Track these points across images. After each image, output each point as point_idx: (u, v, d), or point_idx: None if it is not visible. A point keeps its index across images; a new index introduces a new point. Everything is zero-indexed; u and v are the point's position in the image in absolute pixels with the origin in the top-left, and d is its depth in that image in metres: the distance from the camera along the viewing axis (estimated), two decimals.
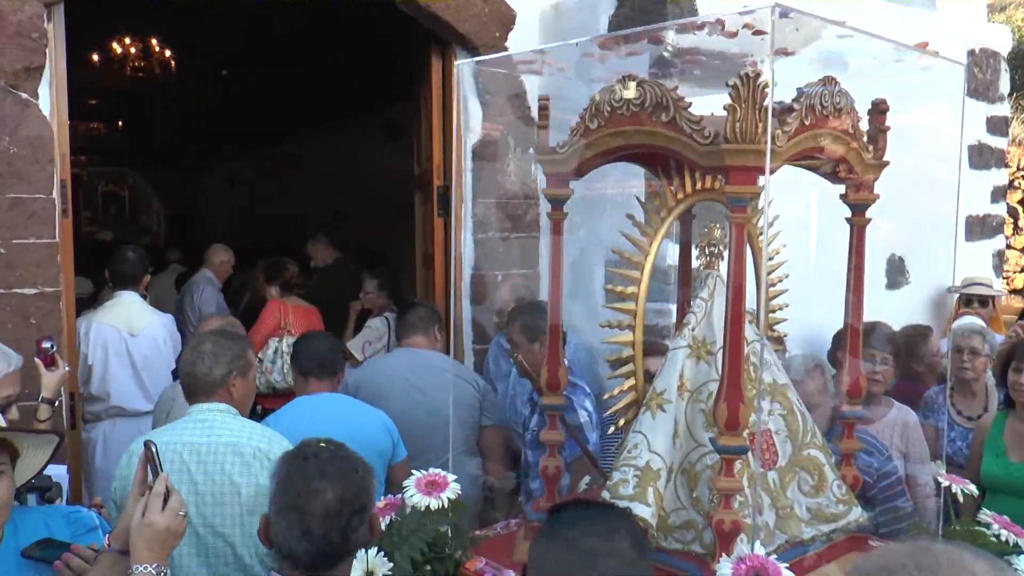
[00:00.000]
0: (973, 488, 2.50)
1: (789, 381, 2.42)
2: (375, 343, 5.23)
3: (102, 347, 4.48)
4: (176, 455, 2.74)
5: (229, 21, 7.53)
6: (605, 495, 2.20)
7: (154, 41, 9.06)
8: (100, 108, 11.72)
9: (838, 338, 4.67)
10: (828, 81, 2.21)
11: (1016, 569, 2.17)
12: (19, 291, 3.88)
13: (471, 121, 4.70)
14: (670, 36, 4.26)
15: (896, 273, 5.43)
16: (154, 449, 2.02)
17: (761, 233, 2.46)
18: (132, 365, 4.51)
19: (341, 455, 2.08)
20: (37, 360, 3.41)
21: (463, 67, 2.59)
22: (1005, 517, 2.41)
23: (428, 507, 2.23)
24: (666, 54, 2.53)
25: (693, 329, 2.36)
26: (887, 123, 2.47)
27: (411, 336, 4.11)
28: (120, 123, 13.63)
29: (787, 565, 1.87)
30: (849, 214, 2.65)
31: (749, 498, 2.14)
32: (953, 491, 2.43)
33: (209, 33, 8.24)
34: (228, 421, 2.89)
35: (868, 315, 4.60)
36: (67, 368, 3.57)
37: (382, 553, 2.05)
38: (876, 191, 2.61)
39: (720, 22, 2.23)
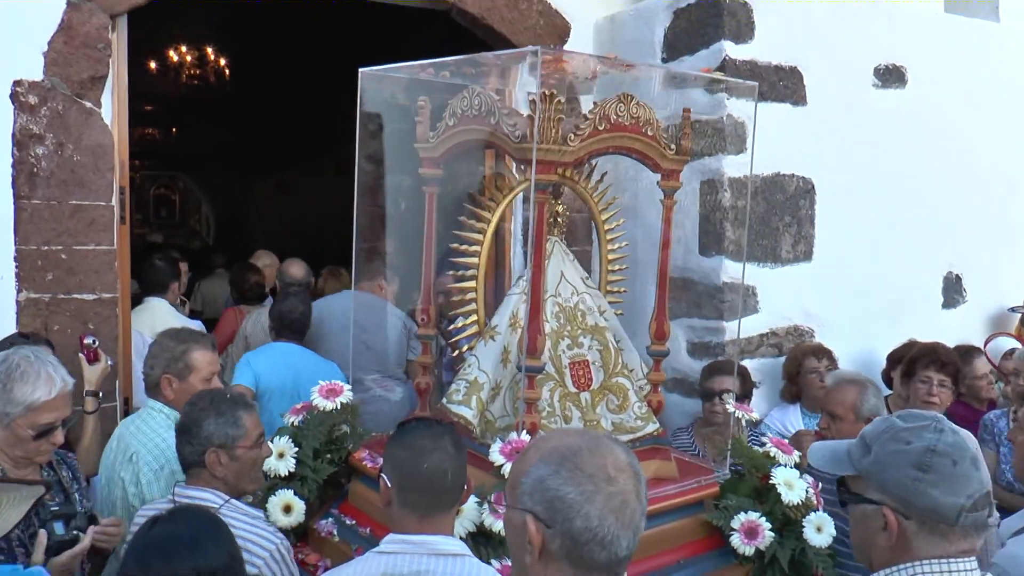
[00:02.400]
0: (755, 415, 3.28)
1: (608, 325, 3.05)
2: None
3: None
4: (115, 438, 3.15)
5: (281, 29, 7.62)
6: (443, 401, 2.94)
7: (209, 49, 9.21)
8: (155, 113, 11.94)
9: (892, 359, 4.59)
10: (624, 97, 2.79)
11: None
12: (78, 296, 3.95)
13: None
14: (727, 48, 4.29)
15: (953, 292, 5.31)
16: None
17: (604, 209, 3.17)
18: None
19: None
20: (80, 355, 3.59)
21: (365, 75, 3.15)
22: (779, 438, 3.09)
23: (327, 409, 2.96)
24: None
25: (528, 280, 2.85)
26: (689, 128, 3.01)
27: (358, 281, 4.84)
28: (174, 129, 13.86)
29: None
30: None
31: (557, 409, 2.81)
32: (738, 416, 3.16)
33: (263, 42, 8.35)
34: (148, 421, 3.09)
35: (924, 335, 4.55)
36: (109, 362, 3.70)
37: (291, 440, 2.86)
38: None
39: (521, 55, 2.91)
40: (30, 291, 3.88)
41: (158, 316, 4.68)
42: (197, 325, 4.86)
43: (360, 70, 3.14)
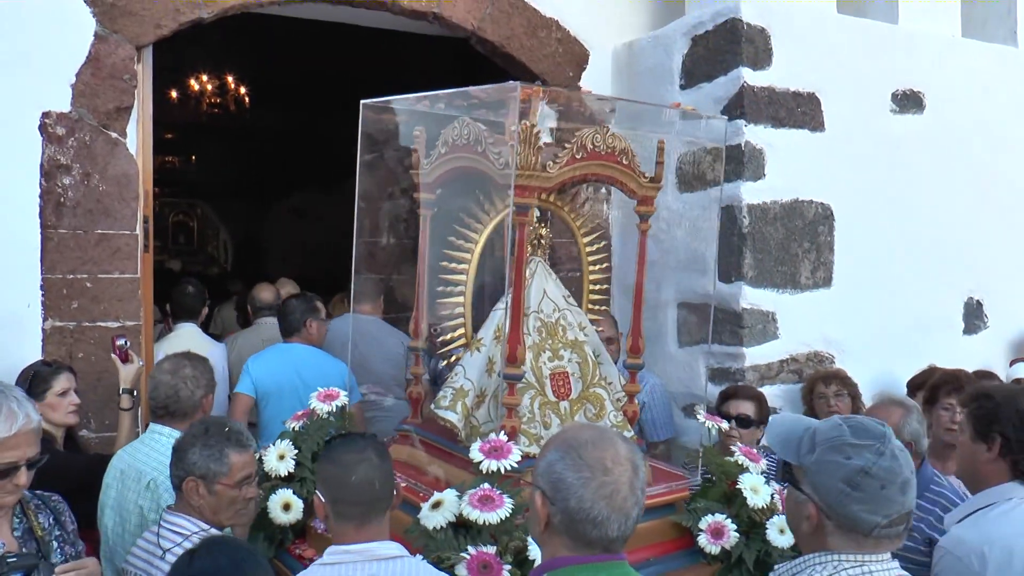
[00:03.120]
0: (725, 425, 3.47)
1: (588, 340, 3.21)
2: None
3: None
4: (117, 470, 3.11)
5: (301, 58, 7.68)
6: (432, 407, 3.13)
7: (230, 78, 9.31)
8: (174, 141, 12.07)
9: (913, 385, 4.57)
10: (600, 129, 2.98)
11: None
12: (103, 324, 3.99)
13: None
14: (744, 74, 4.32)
15: (974, 317, 5.28)
16: None
17: (587, 232, 3.34)
18: None
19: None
20: (113, 356, 3.71)
21: (366, 107, 3.32)
22: (748, 447, 3.22)
23: (325, 414, 3.15)
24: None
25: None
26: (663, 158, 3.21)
27: (360, 304, 5.02)
28: (193, 157, 13.99)
29: None
30: None
31: (537, 416, 2.96)
32: (708, 426, 3.29)
33: (283, 69, 8.43)
34: (156, 447, 3.08)
35: (945, 361, 4.53)
36: (141, 363, 3.80)
37: (292, 443, 3.04)
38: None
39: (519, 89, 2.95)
40: (55, 319, 3.92)
41: (192, 342, 4.72)
42: (221, 348, 4.96)
43: (362, 102, 3.27)
